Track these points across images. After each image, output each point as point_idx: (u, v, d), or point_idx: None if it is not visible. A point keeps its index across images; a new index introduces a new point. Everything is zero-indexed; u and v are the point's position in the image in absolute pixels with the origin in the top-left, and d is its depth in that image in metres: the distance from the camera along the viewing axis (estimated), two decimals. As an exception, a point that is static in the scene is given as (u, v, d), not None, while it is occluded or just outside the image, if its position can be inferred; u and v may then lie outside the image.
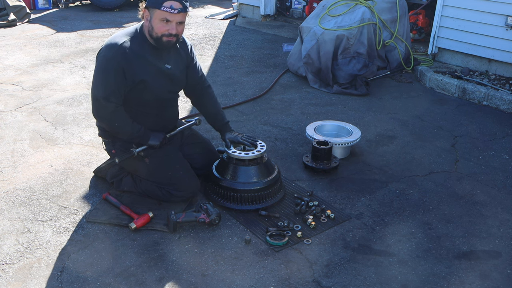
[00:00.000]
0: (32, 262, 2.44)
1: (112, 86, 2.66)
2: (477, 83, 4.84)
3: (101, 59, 2.68)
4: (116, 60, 2.62)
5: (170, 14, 2.59)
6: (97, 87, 2.69)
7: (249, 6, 8.41)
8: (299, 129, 4.00)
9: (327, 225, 2.76)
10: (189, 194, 2.90)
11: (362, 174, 3.33)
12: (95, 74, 2.71)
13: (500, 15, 4.90)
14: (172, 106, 3.02)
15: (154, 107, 2.86)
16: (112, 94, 2.67)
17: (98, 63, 2.70)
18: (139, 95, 2.77)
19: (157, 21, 2.62)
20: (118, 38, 2.68)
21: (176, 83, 2.93)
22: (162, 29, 2.63)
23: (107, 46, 2.67)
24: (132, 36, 2.71)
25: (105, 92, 2.66)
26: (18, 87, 4.91)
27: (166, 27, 2.63)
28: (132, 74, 2.66)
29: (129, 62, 2.65)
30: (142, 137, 2.81)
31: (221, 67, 5.67)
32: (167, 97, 2.92)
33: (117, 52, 2.62)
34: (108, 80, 2.65)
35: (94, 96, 2.71)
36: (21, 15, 7.88)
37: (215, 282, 2.33)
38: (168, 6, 2.57)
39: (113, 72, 2.63)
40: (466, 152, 3.68)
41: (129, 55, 2.65)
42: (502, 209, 2.96)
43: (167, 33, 2.64)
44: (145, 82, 2.71)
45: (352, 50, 4.94)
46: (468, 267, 2.46)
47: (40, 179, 3.18)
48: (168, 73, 2.82)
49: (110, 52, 2.64)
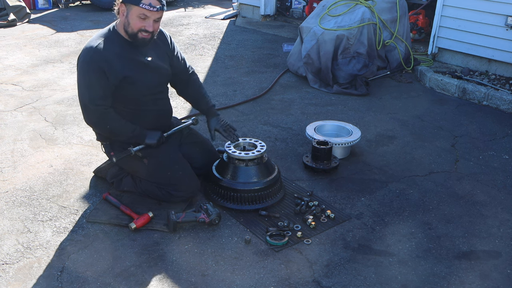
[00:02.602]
0: (32, 262, 2.44)
1: (96, 89, 2.67)
2: (477, 83, 4.84)
3: (80, 65, 2.69)
4: (94, 63, 2.63)
5: (149, 11, 2.60)
6: (83, 93, 2.71)
7: (249, 6, 8.41)
8: (299, 129, 4.00)
9: (327, 225, 2.76)
10: (189, 194, 2.90)
11: (362, 174, 3.33)
12: (78, 81, 2.72)
13: (500, 15, 4.90)
14: (163, 99, 3.02)
15: (145, 103, 2.86)
16: (98, 97, 2.68)
17: (78, 69, 2.72)
18: (127, 92, 2.77)
19: (134, 17, 2.63)
20: (93, 41, 2.70)
21: (161, 73, 2.92)
22: (138, 24, 2.64)
23: (84, 51, 2.69)
24: (106, 36, 2.73)
25: (90, 96, 2.68)
26: (18, 87, 4.91)
27: (142, 23, 2.63)
28: (113, 73, 2.67)
29: (108, 62, 2.65)
30: (138, 136, 2.82)
31: (221, 67, 5.67)
32: (156, 91, 2.91)
33: (95, 55, 2.63)
34: (91, 83, 2.66)
35: (81, 103, 2.73)
36: (21, 15, 7.88)
37: (215, 282, 2.33)
38: (147, 4, 2.58)
39: (94, 74, 2.64)
40: (466, 152, 3.68)
41: (107, 55, 2.65)
42: (502, 209, 2.96)
43: (144, 29, 2.65)
44: (129, 78, 2.72)
45: (352, 50, 4.94)
46: (468, 267, 2.46)
47: (40, 179, 3.18)
48: (150, 65, 2.82)
49: (88, 56, 2.65)
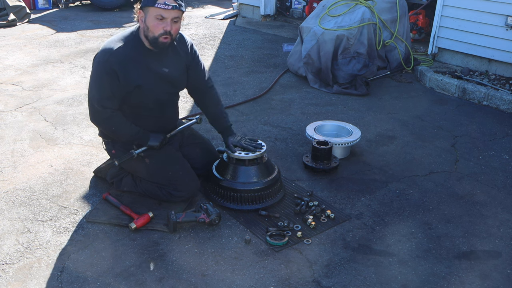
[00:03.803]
0: (32, 262, 2.44)
1: (106, 91, 2.65)
2: (477, 83, 4.84)
3: (95, 65, 2.69)
4: (109, 65, 2.61)
5: (165, 10, 2.56)
6: (92, 92, 2.70)
7: (249, 6, 8.41)
8: (299, 129, 4.00)
9: (327, 225, 2.76)
10: (189, 194, 2.90)
11: (362, 174, 3.33)
12: (90, 79, 2.72)
13: (500, 15, 4.90)
14: (172, 107, 3.02)
15: (153, 109, 2.85)
16: (106, 99, 2.67)
17: (93, 68, 2.71)
18: (136, 100, 2.76)
19: (152, 19, 2.59)
20: (113, 43, 2.67)
21: (175, 85, 2.92)
22: (157, 27, 2.59)
23: (102, 51, 2.67)
24: (127, 40, 2.69)
25: (99, 96, 2.67)
26: (18, 87, 4.91)
27: (161, 25, 2.59)
28: (126, 78, 2.65)
29: (124, 67, 2.63)
30: (141, 138, 2.81)
31: (221, 67, 5.67)
32: (166, 100, 2.91)
33: (111, 57, 2.61)
34: (102, 84, 2.65)
35: (89, 101, 2.74)
36: (21, 15, 7.88)
37: (215, 282, 2.33)
38: (162, 3, 2.55)
39: (106, 76, 2.62)
40: (466, 152, 3.68)
41: (123, 60, 2.63)
42: (502, 209, 2.96)
43: (163, 31, 2.60)
44: (141, 88, 2.70)
45: (352, 50, 4.94)
46: (468, 267, 2.46)
47: (40, 179, 3.18)
48: (166, 76, 2.80)
49: (104, 57, 2.64)
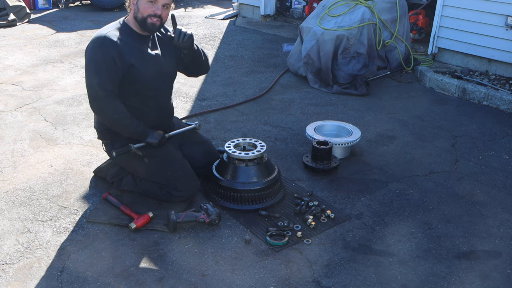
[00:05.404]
0: (32, 262, 2.44)
1: (106, 74, 2.67)
2: (477, 83, 4.84)
3: (89, 51, 2.71)
4: (104, 48, 2.66)
5: None
6: (91, 79, 2.69)
7: (249, 6, 8.41)
8: (299, 129, 4.00)
9: (327, 225, 2.76)
10: (189, 194, 2.90)
11: (362, 174, 3.33)
12: (87, 68, 2.71)
13: (500, 15, 4.90)
14: (165, 96, 3.02)
15: (147, 99, 2.86)
16: (107, 82, 2.67)
17: (87, 56, 2.72)
18: (132, 87, 2.78)
19: (144, 2, 2.69)
20: (102, 30, 2.75)
21: (166, 68, 2.93)
22: (147, 9, 2.69)
23: (94, 39, 2.72)
24: (116, 27, 2.78)
25: (100, 81, 2.66)
26: (18, 87, 4.91)
27: (152, 8, 2.69)
28: (122, 59, 2.68)
29: (118, 49, 2.68)
30: (141, 133, 2.81)
31: (221, 67, 5.67)
32: (160, 87, 2.92)
33: (105, 41, 2.67)
34: (100, 68, 2.67)
35: (90, 89, 2.71)
36: (21, 15, 7.88)
37: (215, 282, 2.33)
38: None
39: (104, 59, 2.66)
40: (466, 152, 3.68)
41: (116, 42, 2.69)
42: (502, 209, 2.96)
43: (153, 13, 2.69)
44: (133, 68, 2.73)
45: (352, 50, 4.94)
46: (468, 267, 2.46)
47: (40, 179, 3.18)
48: (156, 58, 2.85)
49: (98, 42, 2.68)
